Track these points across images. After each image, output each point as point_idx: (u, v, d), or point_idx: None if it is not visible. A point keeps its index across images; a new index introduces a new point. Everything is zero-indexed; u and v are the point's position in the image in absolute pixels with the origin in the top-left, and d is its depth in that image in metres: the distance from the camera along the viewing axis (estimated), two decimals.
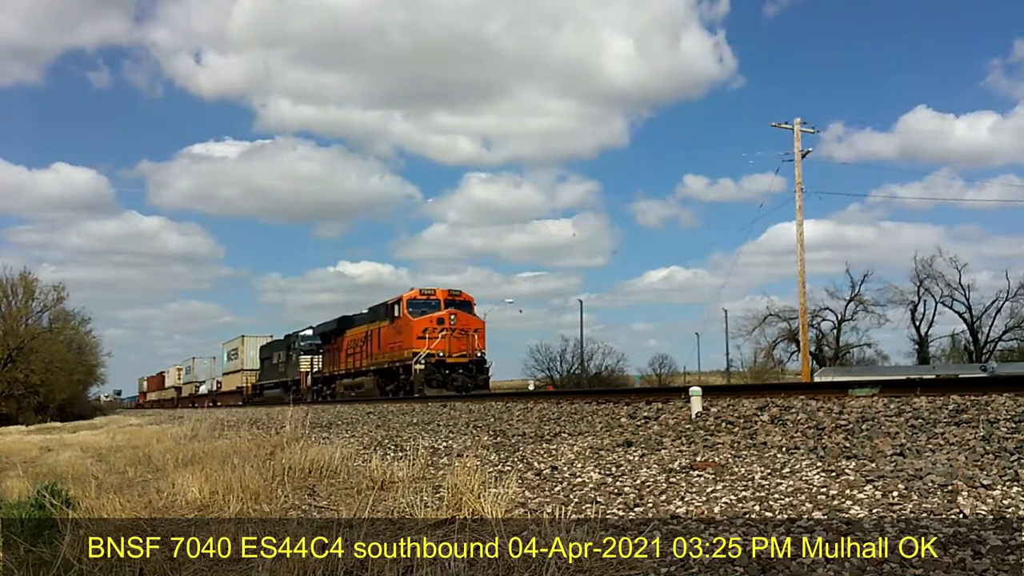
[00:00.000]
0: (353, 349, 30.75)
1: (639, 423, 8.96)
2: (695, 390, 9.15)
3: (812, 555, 3.50)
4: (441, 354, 24.89)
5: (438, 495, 5.34)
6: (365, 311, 31.38)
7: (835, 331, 57.72)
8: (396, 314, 26.72)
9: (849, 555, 3.45)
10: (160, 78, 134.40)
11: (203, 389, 64.09)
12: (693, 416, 8.61)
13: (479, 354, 25.94)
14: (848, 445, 5.97)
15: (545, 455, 7.20)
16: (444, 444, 9.15)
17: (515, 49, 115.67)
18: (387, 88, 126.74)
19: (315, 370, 36.31)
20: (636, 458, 6.44)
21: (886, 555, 3.40)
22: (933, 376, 21.55)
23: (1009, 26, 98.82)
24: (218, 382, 60.83)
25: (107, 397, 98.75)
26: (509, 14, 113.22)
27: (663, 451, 6.72)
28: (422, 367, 24.57)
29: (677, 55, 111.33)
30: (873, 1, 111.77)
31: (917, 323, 56.05)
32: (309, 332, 38.74)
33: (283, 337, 43.23)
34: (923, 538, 3.54)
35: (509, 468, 6.72)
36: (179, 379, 74.32)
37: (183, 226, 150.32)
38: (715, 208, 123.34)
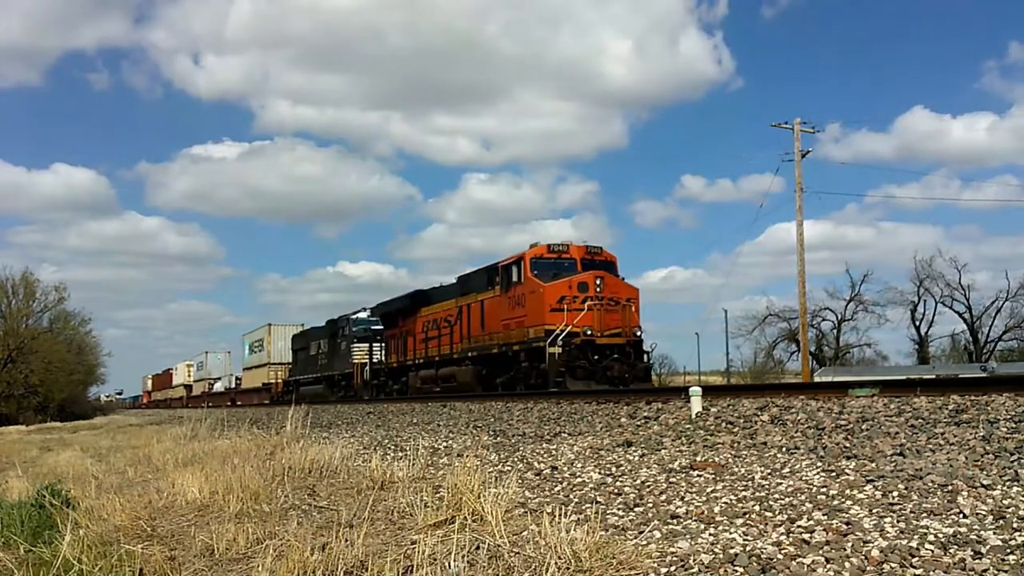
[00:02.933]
0: (434, 331, 23.94)
1: (639, 423, 8.96)
2: (695, 390, 9.16)
3: (812, 555, 3.50)
4: (588, 331, 17.78)
5: (438, 495, 5.34)
6: (450, 282, 24.20)
7: (835, 331, 57.84)
8: (514, 278, 19.38)
9: (850, 555, 3.45)
10: (159, 79, 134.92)
11: (219, 386, 59.30)
12: (693, 416, 8.61)
13: (637, 333, 18.61)
14: (848, 445, 5.97)
15: (545, 455, 7.20)
16: (444, 444, 9.15)
17: (514, 50, 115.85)
18: (386, 89, 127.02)
19: (375, 360, 29.55)
20: (636, 458, 6.44)
21: (886, 555, 3.40)
22: (933, 376, 21.51)
23: (1005, 28, 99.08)
24: (237, 378, 55.13)
25: (108, 397, 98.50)
26: (508, 15, 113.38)
27: (663, 451, 6.72)
28: (559, 350, 17.55)
29: (676, 57, 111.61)
30: (870, 3, 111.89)
31: (917, 323, 56.19)
32: (364, 314, 31.95)
33: (324, 323, 36.54)
34: (923, 538, 3.54)
35: (509, 468, 6.72)
36: (189, 376, 69.67)
37: (183, 227, 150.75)
38: (713, 208, 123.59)
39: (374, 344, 29.75)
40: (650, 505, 4.78)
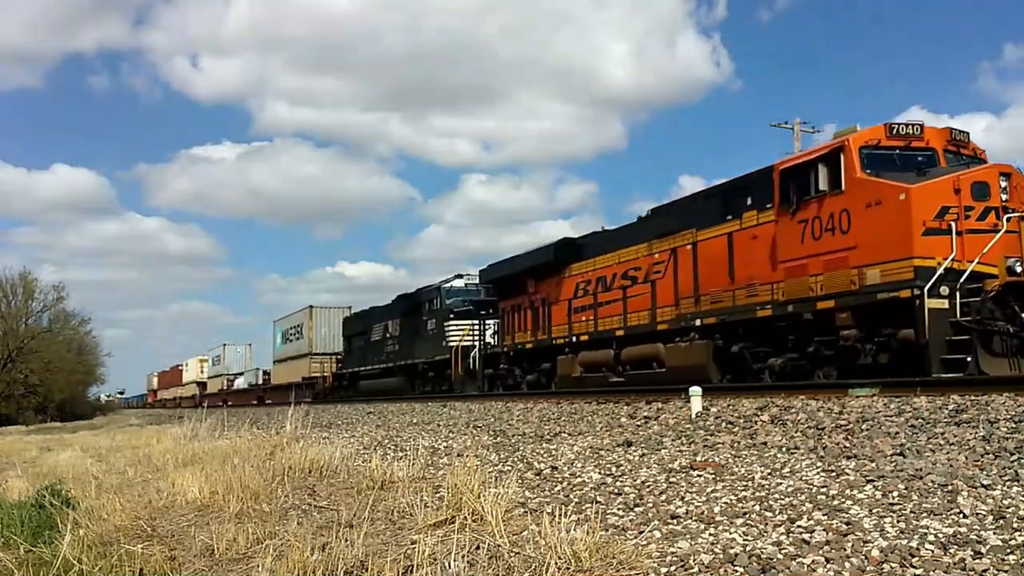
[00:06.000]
0: (606, 294, 16.49)
1: (639, 423, 8.96)
2: (695, 390, 9.15)
3: (812, 555, 3.50)
4: (1019, 266, 10.42)
5: (438, 495, 5.34)
6: (634, 222, 16.67)
7: None
8: (819, 185, 11.47)
9: (850, 555, 3.45)
10: (158, 81, 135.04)
11: (240, 383, 52.52)
12: (693, 416, 8.61)
13: None
14: (848, 445, 5.97)
15: (545, 455, 7.20)
16: (444, 444, 9.15)
17: (513, 52, 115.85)
18: (385, 91, 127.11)
19: (485, 342, 21.75)
20: (636, 458, 6.44)
21: (886, 555, 3.40)
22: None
23: (1000, 31, 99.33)
24: (266, 373, 47.22)
25: (109, 397, 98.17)
26: (507, 17, 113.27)
27: (663, 451, 6.72)
28: (945, 304, 10.08)
29: (674, 59, 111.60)
30: (867, 5, 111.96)
31: None
32: (460, 282, 24.87)
33: (395, 299, 28.91)
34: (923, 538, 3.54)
35: (509, 468, 6.72)
36: (202, 372, 62.50)
37: (183, 227, 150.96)
38: None
39: (486, 321, 21.85)
40: (650, 505, 4.78)
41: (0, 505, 6.78)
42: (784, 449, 6.16)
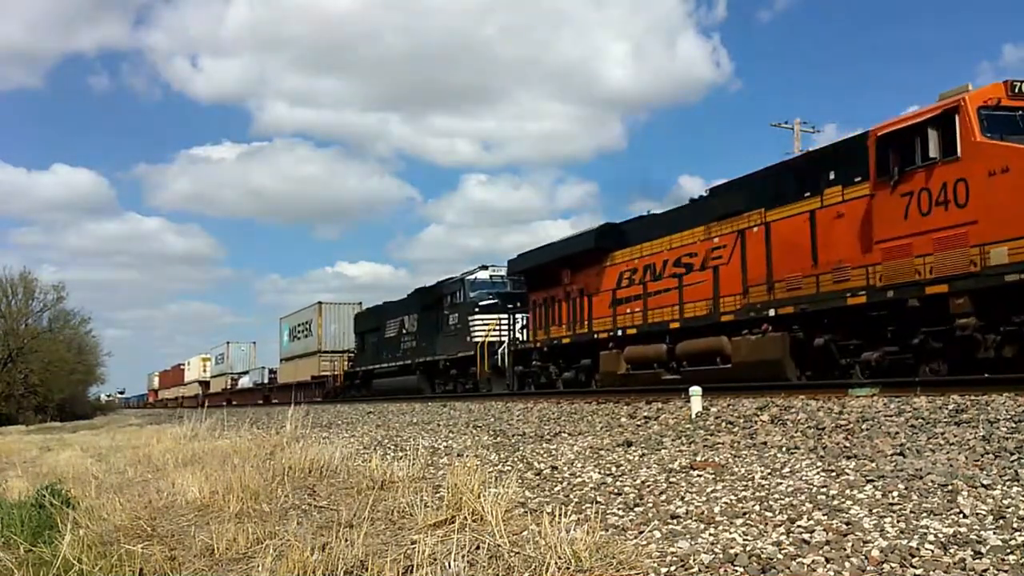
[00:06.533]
0: (656, 283, 15.13)
1: (639, 423, 8.96)
2: (695, 390, 9.15)
3: (812, 555, 3.50)
4: None
5: (438, 495, 5.34)
6: (701, 198, 15.02)
7: None
8: (928, 152, 10.19)
9: (850, 555, 3.45)
10: (158, 82, 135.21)
11: (245, 382, 51.34)
12: (693, 416, 8.61)
13: None
14: (848, 445, 5.97)
15: (545, 455, 7.20)
16: (444, 444, 9.15)
17: (513, 52, 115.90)
18: (385, 91, 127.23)
19: (514, 337, 20.33)
20: (636, 458, 6.44)
21: (886, 555, 3.40)
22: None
23: (998, 31, 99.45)
24: (272, 372, 46.04)
25: (109, 396, 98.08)
26: (506, 17, 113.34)
27: (663, 451, 6.72)
28: None
29: (674, 59, 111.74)
30: (866, 5, 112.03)
31: None
32: (484, 274, 23.28)
33: (411, 293, 27.64)
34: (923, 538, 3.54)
35: (509, 468, 6.72)
36: (205, 371, 61.62)
37: (183, 227, 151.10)
38: None
39: (516, 315, 20.42)
40: (650, 505, 4.78)
41: (0, 505, 6.78)
42: (784, 449, 6.16)
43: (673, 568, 3.54)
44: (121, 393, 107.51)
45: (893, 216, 10.59)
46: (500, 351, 20.63)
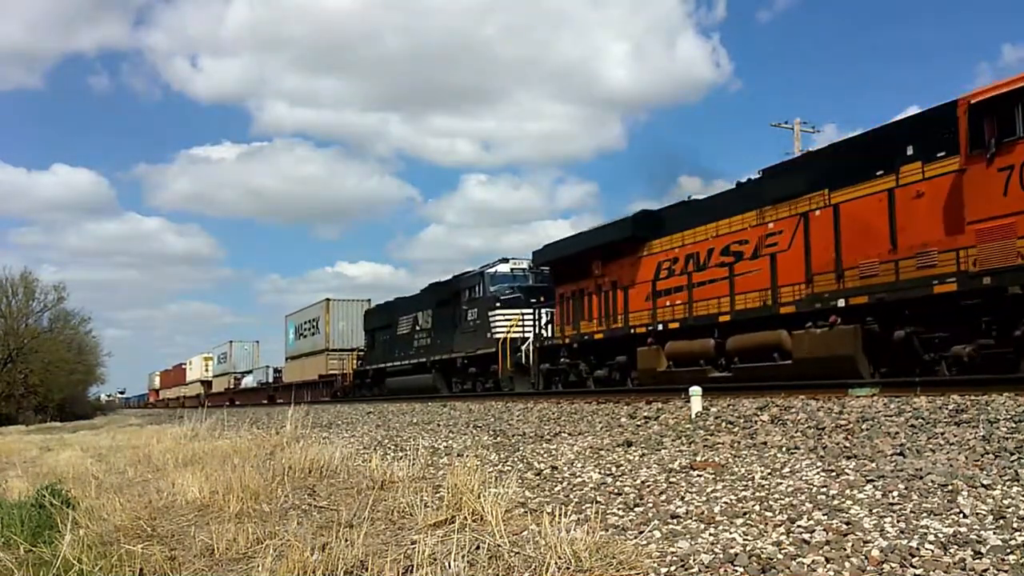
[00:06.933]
0: (701, 273, 14.18)
1: (639, 423, 8.96)
2: (695, 390, 9.16)
3: (812, 555, 3.50)
4: None
5: (438, 495, 5.34)
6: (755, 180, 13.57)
7: None
8: None
9: (850, 555, 3.45)
10: (157, 82, 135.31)
11: (249, 381, 50.35)
12: (693, 416, 8.61)
13: None
14: (848, 445, 5.97)
15: (545, 455, 7.20)
16: (444, 444, 9.15)
17: (513, 52, 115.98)
18: (385, 91, 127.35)
19: (539, 333, 19.04)
20: (636, 458, 6.44)
21: (886, 555, 3.40)
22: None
23: (998, 31, 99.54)
24: (277, 371, 44.95)
25: (109, 396, 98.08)
26: (506, 18, 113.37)
27: (663, 451, 6.72)
28: None
29: (674, 59, 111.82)
30: (865, 5, 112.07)
31: None
32: (505, 267, 22.10)
33: (425, 288, 26.55)
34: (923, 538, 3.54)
35: (509, 468, 6.72)
36: (207, 371, 60.73)
37: (183, 227, 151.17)
38: None
39: (541, 309, 19.26)
40: (650, 505, 4.78)
41: (0, 505, 6.78)
42: (784, 449, 6.16)
43: (673, 568, 3.54)
44: (121, 393, 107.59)
45: (990, 193, 9.48)
46: (523, 348, 19.58)
